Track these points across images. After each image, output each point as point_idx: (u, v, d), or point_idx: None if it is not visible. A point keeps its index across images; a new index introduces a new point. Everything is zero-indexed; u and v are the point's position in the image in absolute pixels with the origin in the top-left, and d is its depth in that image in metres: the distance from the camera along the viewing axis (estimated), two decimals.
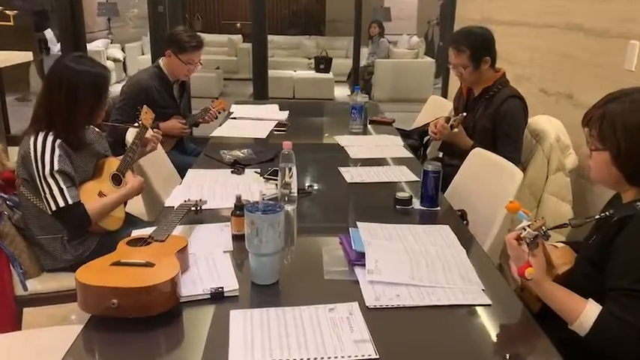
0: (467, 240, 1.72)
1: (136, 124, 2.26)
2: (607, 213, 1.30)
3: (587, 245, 1.43)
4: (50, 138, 1.90)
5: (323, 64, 8.54)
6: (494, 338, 1.26)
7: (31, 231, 2.00)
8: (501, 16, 3.99)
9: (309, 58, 9.66)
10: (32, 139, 1.89)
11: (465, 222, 2.04)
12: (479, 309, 1.34)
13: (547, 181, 2.63)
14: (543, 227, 1.25)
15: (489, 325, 1.30)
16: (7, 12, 3.95)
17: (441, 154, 3.04)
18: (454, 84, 4.14)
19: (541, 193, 2.63)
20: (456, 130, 2.62)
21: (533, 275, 1.26)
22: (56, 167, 1.87)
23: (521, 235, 1.26)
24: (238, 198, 1.69)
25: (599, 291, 1.28)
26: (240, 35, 10.31)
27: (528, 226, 1.25)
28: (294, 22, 11.22)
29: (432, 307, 1.34)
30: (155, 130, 2.28)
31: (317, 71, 8.61)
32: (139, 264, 1.32)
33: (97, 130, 2.19)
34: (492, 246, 2.00)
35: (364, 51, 8.50)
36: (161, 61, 3.12)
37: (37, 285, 2.00)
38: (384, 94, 7.90)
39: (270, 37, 9.37)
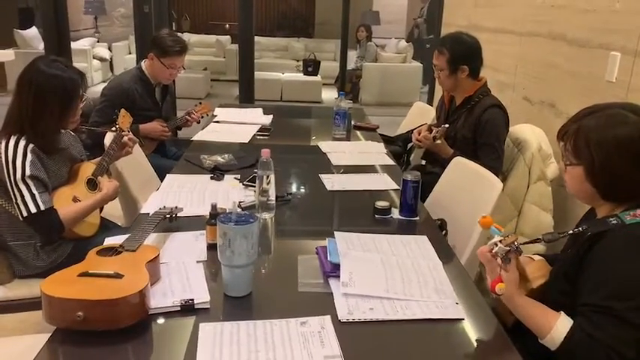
0: (444, 251, 1.71)
1: (113, 128, 2.23)
2: (580, 228, 1.30)
3: (562, 259, 1.43)
4: (22, 142, 1.86)
5: (311, 66, 8.52)
6: (465, 353, 1.25)
7: (2, 237, 1.96)
8: (487, 23, 4.01)
9: (298, 61, 9.64)
10: (4, 143, 1.85)
11: (444, 232, 2.03)
12: (452, 323, 1.33)
13: (528, 190, 2.63)
14: (515, 242, 1.24)
15: (462, 339, 1.29)
16: None
17: (423, 162, 3.04)
18: (440, 90, 4.14)
19: (522, 202, 2.64)
20: (438, 141, 2.63)
21: (504, 291, 1.25)
22: (28, 172, 1.83)
23: (493, 251, 1.25)
24: (213, 207, 1.67)
25: (573, 306, 1.27)
26: (228, 36, 10.27)
27: (500, 241, 1.25)
28: (282, 24, 11.21)
29: (406, 322, 1.33)
30: (131, 134, 2.24)
31: (305, 74, 8.59)
32: (107, 275, 1.29)
33: (72, 133, 2.16)
34: (471, 256, 1.99)
35: (352, 54, 8.50)
36: (143, 64, 3.09)
37: (7, 292, 1.96)
38: (371, 97, 7.90)
39: (258, 39, 9.38)
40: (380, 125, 3.44)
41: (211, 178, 2.29)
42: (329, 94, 8.36)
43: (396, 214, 1.99)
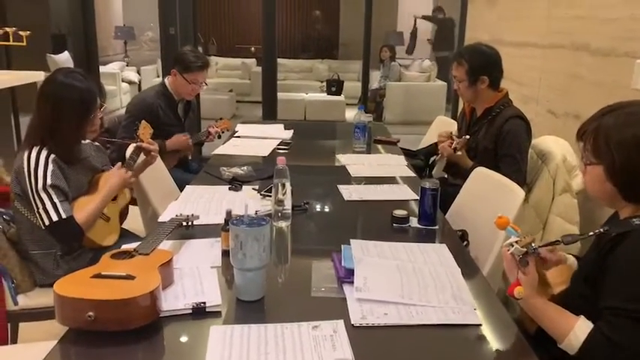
0: (463, 259, 1.67)
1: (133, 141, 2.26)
2: (601, 229, 1.25)
3: (583, 263, 1.38)
4: (44, 153, 1.89)
5: (334, 86, 8.57)
6: (482, 359, 1.21)
7: (24, 245, 1.99)
8: (509, 37, 3.98)
9: (322, 82, 9.71)
10: (26, 153, 1.89)
11: (465, 242, 1.99)
12: (470, 329, 1.29)
13: (553, 202, 2.56)
14: (533, 244, 1.20)
15: (480, 345, 1.25)
16: (20, 33, 4.01)
17: (445, 175, 3.00)
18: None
19: (547, 214, 2.57)
20: (459, 153, 2.59)
21: (522, 295, 1.21)
22: (49, 182, 1.86)
23: (509, 252, 1.21)
24: (228, 213, 1.66)
25: (593, 310, 1.22)
26: (254, 59, 10.42)
27: (516, 242, 1.21)
28: (306, 45, 11.33)
29: (420, 327, 1.29)
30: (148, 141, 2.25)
31: (328, 94, 8.63)
32: (119, 276, 1.29)
33: (96, 144, 2.20)
34: (493, 267, 1.94)
35: (376, 74, 8.53)
36: (167, 80, 3.15)
37: (29, 300, 1.98)
38: (395, 116, 7.88)
39: (282, 61, 9.51)
40: (404, 142, 3.42)
41: (229, 188, 2.30)
42: (352, 114, 8.35)
43: (414, 222, 1.95)
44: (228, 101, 8.30)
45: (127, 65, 9.60)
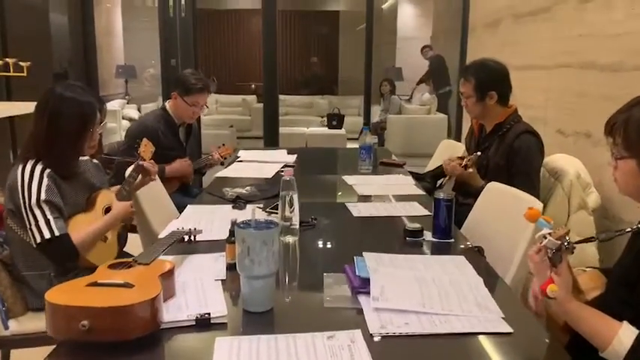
0: (485, 270, 1.57)
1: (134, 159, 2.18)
2: (639, 225, 1.16)
3: (620, 265, 1.28)
4: (39, 167, 1.81)
5: (335, 120, 8.57)
6: None
7: (17, 267, 1.88)
8: (514, 62, 3.94)
9: (322, 117, 9.73)
10: (20, 167, 1.81)
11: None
12: (499, 338, 1.18)
13: (568, 219, 2.47)
14: (567, 237, 1.10)
15: (511, 354, 1.13)
16: (20, 63, 3.99)
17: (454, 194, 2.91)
18: (467, 123, 4.05)
19: None
20: (470, 170, 2.51)
21: (556, 293, 1.10)
22: (43, 197, 1.77)
23: (542, 244, 1.11)
24: (234, 223, 1.56)
25: (637, 316, 1.11)
26: (254, 96, 10.48)
27: (549, 234, 1.11)
28: (307, 82, 11.42)
29: (446, 336, 1.18)
30: (152, 161, 2.18)
31: (329, 127, 8.63)
32: (117, 284, 1.19)
33: (95, 161, 2.12)
34: (512, 283, 1.83)
35: (376, 108, 8.54)
36: (167, 104, 3.09)
37: (20, 325, 1.86)
38: (396, 148, 7.82)
39: (283, 97, 9.55)
40: (408, 167, 3.35)
41: (233, 207, 2.21)
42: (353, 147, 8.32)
43: (428, 237, 1.85)
44: (229, 136, 8.28)
45: (128, 103, 9.62)
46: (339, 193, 2.52)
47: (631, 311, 1.14)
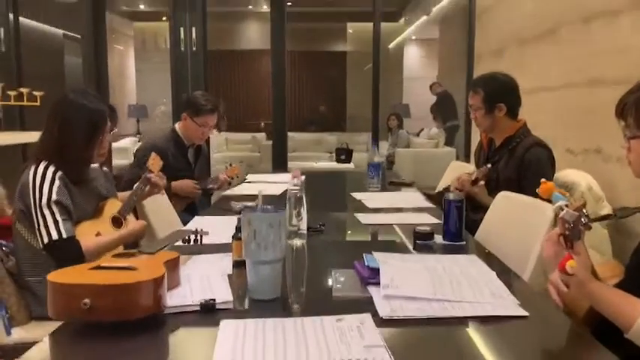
0: (497, 266, 1.52)
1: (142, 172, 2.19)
2: None
3: (638, 252, 1.23)
4: (51, 168, 1.82)
5: (344, 155, 8.57)
6: (534, 349, 1.04)
7: (22, 274, 1.86)
8: (522, 85, 3.97)
9: (330, 153, 9.77)
10: (32, 169, 1.82)
11: None
12: (514, 321, 1.13)
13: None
14: (584, 210, 1.07)
15: (528, 337, 1.09)
16: (34, 93, 4.08)
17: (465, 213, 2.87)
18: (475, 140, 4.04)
19: None
20: (481, 182, 2.48)
21: (575, 269, 1.06)
22: (54, 197, 1.77)
23: (560, 215, 1.08)
24: (239, 219, 1.54)
25: None
26: (263, 133, 10.58)
27: (566, 206, 1.08)
28: (315, 120, 11.54)
29: (459, 319, 1.13)
30: (159, 173, 2.18)
31: (338, 162, 8.64)
32: (121, 267, 1.16)
33: (104, 169, 2.12)
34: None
35: (383, 143, 8.57)
36: (177, 125, 3.12)
37: (24, 333, 1.82)
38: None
39: (291, 135, 9.63)
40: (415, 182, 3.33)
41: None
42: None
43: (439, 240, 1.82)
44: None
45: (139, 141, 9.74)
46: (348, 207, 2.49)
47: None
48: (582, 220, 1.07)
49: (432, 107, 9.11)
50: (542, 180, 1.18)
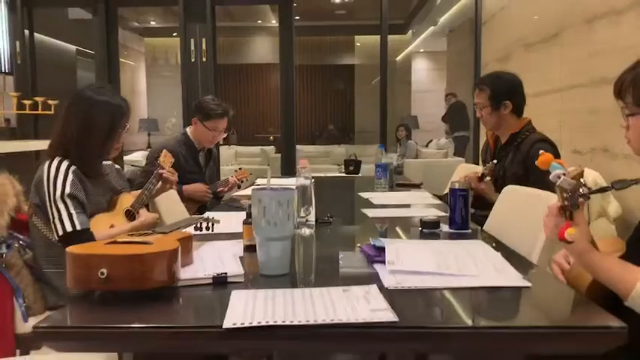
0: (503, 248, 1.55)
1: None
2: None
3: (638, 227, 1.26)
4: (65, 163, 1.87)
5: (352, 166, 8.59)
6: (535, 309, 1.07)
7: (39, 265, 1.91)
8: (528, 89, 4.00)
9: (339, 165, 9.83)
10: (47, 163, 1.87)
11: None
12: (517, 290, 1.16)
13: (589, 226, 2.43)
14: (582, 180, 1.10)
15: (531, 301, 1.12)
16: (49, 102, 4.18)
17: (473, 210, 2.90)
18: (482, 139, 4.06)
19: None
20: (487, 178, 2.51)
21: (575, 237, 1.09)
22: (67, 191, 1.82)
23: (558, 183, 1.11)
24: (249, 206, 1.59)
25: None
26: (272, 146, 10.68)
27: (564, 174, 1.11)
28: (324, 133, 11.63)
29: (463, 289, 1.16)
30: (170, 168, 2.24)
31: (347, 173, 8.67)
32: (136, 242, 1.21)
33: (116, 167, 2.18)
34: None
35: (392, 155, 8.61)
36: (188, 129, 3.18)
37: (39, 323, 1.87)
38: None
39: (300, 147, 9.71)
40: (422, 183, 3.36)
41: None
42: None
43: (445, 228, 1.85)
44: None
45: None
46: (355, 203, 2.53)
47: None
48: (580, 190, 1.10)
49: (443, 117, 9.17)
50: (541, 151, 1.22)
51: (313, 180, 2.37)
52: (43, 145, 4.04)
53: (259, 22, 11.48)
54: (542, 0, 3.88)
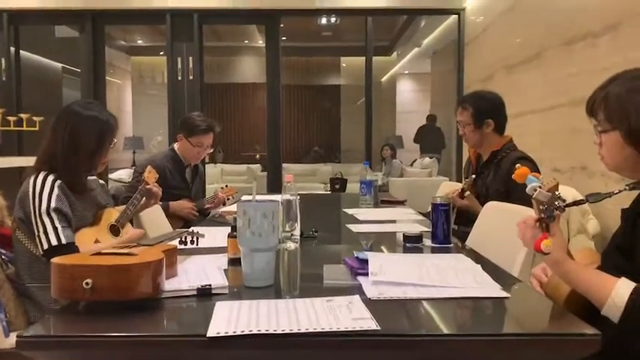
0: (484, 262, 1.58)
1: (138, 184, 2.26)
2: (626, 187, 1.20)
3: (615, 237, 1.30)
4: (51, 177, 1.88)
5: (338, 184, 8.64)
6: (512, 318, 1.10)
7: (22, 280, 1.90)
8: (510, 110, 4.08)
9: (325, 183, 9.86)
10: (32, 178, 1.88)
11: None
12: (495, 301, 1.19)
13: (569, 243, 2.48)
14: (557, 192, 1.14)
15: (509, 311, 1.15)
16: (34, 118, 4.17)
17: (456, 227, 2.94)
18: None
19: None
20: (467, 193, 2.56)
21: (550, 248, 1.12)
22: (53, 205, 1.82)
23: (534, 196, 1.15)
24: (235, 218, 1.60)
25: (634, 279, 1.13)
26: (258, 165, 10.69)
27: (540, 187, 1.15)
28: (310, 152, 11.68)
29: (443, 300, 1.19)
30: (154, 184, 2.25)
31: (332, 191, 8.72)
32: (121, 253, 1.22)
33: (101, 182, 2.18)
34: None
35: (378, 174, 8.68)
36: (175, 145, 3.19)
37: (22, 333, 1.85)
38: None
39: (286, 165, 9.74)
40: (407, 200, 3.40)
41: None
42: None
43: (427, 243, 1.88)
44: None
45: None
46: (340, 219, 2.56)
47: (626, 275, 1.16)
48: (556, 202, 1.14)
49: (414, 138, 9.34)
50: (517, 165, 1.26)
51: (299, 197, 2.42)
52: (27, 161, 4.02)
53: (246, 42, 11.57)
54: (523, 22, 3.99)
